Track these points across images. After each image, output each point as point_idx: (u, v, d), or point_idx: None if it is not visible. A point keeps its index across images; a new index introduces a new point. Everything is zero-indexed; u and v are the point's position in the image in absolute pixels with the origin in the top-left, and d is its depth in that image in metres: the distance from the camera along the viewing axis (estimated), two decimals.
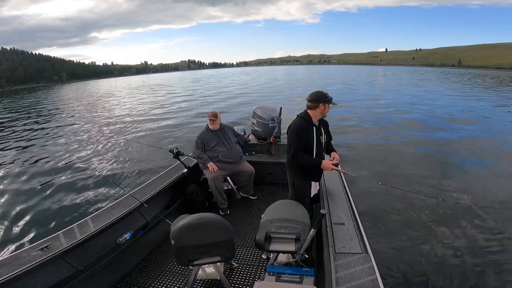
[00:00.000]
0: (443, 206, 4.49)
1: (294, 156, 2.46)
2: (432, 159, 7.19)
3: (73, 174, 6.62)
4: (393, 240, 3.68)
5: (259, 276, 2.47)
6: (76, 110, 20.56)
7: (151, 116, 15.12)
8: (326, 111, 2.54)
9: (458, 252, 3.47)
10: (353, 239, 2.03)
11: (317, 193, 2.76)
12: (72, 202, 5.15)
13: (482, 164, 6.81)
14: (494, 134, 9.85)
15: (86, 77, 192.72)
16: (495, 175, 6.06)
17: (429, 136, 9.46)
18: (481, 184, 5.58)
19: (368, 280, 1.62)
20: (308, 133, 2.48)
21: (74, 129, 12.57)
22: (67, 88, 69.01)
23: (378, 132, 9.95)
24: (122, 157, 7.84)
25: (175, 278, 2.51)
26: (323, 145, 2.63)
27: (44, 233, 3.81)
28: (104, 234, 2.44)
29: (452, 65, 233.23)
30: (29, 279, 1.94)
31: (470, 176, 6.06)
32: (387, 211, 4.44)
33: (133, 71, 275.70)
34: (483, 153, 7.63)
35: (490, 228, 3.98)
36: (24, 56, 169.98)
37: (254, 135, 4.43)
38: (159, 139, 9.83)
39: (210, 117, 3.56)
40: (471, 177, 6.02)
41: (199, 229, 1.92)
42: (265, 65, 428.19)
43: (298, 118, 2.55)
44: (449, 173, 6.16)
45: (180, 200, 3.55)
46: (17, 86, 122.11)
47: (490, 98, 20.09)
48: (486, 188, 5.40)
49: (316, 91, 2.55)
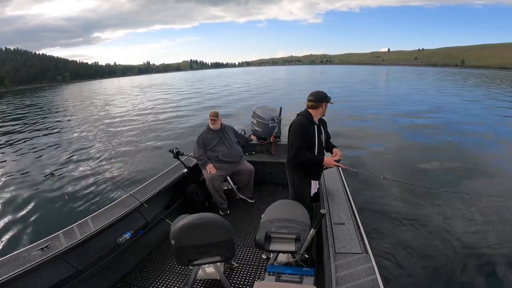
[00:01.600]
0: (443, 205, 4.48)
1: (297, 153, 2.44)
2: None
3: (73, 174, 6.65)
4: (393, 240, 3.67)
5: (259, 276, 2.47)
6: (77, 110, 20.66)
7: (151, 116, 15.19)
8: (326, 110, 2.58)
9: (458, 252, 3.45)
10: (353, 239, 2.03)
11: (317, 191, 2.76)
12: (72, 202, 5.16)
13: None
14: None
15: (89, 77, 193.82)
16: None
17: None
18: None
19: (368, 280, 1.61)
20: (310, 131, 2.49)
21: (75, 129, 12.65)
22: (71, 88, 69.40)
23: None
24: (122, 157, 7.87)
25: (175, 278, 2.51)
26: (323, 144, 2.65)
27: (44, 233, 3.81)
28: (104, 234, 2.45)
29: (455, 65, 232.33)
30: (29, 279, 1.94)
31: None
32: (387, 211, 4.42)
33: (136, 71, 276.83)
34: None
35: (495, 223, 3.97)
36: (27, 56, 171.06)
37: (254, 135, 4.43)
38: (159, 139, 9.85)
39: (211, 117, 3.57)
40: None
41: (199, 229, 1.92)
42: (267, 65, 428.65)
43: (300, 117, 2.54)
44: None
45: (180, 200, 3.55)
46: (20, 86, 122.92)
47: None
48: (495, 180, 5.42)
49: (317, 91, 2.56)
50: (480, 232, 3.83)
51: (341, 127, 10.02)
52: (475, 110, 14.43)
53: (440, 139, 8.77)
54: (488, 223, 4.01)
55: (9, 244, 3.94)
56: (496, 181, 5.51)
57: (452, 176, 5.75)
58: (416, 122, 11.41)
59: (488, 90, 26.40)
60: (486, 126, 10.72)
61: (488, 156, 7.10)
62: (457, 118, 12.28)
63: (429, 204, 4.52)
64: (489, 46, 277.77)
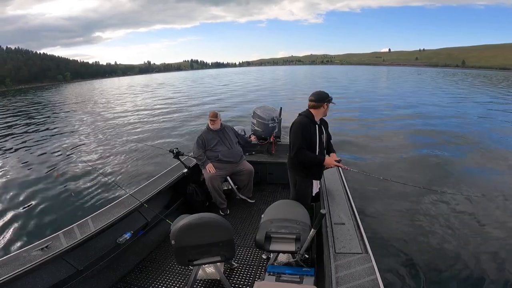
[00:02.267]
0: (444, 204, 4.49)
1: (298, 153, 2.45)
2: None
3: (73, 173, 6.64)
4: (393, 240, 3.66)
5: (259, 276, 2.47)
6: (78, 109, 20.65)
7: (151, 116, 15.16)
8: (327, 110, 2.57)
9: (458, 252, 3.44)
10: (353, 239, 2.03)
11: (318, 191, 2.76)
12: (72, 202, 5.16)
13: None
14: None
15: (90, 76, 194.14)
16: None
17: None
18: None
19: (368, 280, 1.61)
20: (312, 131, 2.49)
21: (75, 129, 12.63)
22: (72, 87, 69.41)
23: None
24: (122, 157, 7.85)
25: (175, 278, 2.51)
26: (324, 144, 2.65)
27: (44, 233, 3.81)
28: (104, 234, 2.44)
29: (456, 65, 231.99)
30: (29, 279, 1.94)
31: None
32: (387, 211, 4.41)
33: (136, 71, 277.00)
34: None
35: (497, 223, 3.96)
36: (28, 55, 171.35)
37: (254, 135, 4.42)
38: (159, 139, 9.84)
39: (211, 117, 3.57)
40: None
41: (199, 229, 1.92)
42: (268, 65, 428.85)
43: (301, 116, 2.54)
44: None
45: (180, 200, 3.55)
46: (21, 85, 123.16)
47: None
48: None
49: (319, 91, 2.56)
50: (480, 232, 3.82)
51: (343, 128, 10.04)
52: (475, 110, 14.46)
53: (440, 139, 8.75)
54: (489, 223, 4.00)
55: (9, 244, 3.94)
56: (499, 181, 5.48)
57: (452, 176, 5.74)
58: (416, 122, 11.41)
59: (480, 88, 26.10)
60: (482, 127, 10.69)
61: (491, 157, 7.06)
62: (457, 118, 12.30)
63: (429, 204, 4.52)
64: (491, 46, 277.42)
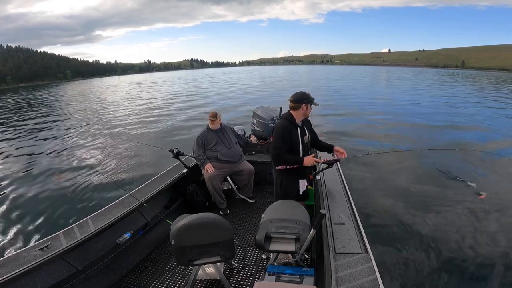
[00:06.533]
0: (443, 206, 4.49)
1: (276, 158, 2.52)
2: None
3: (73, 173, 6.63)
4: (393, 240, 3.67)
5: (259, 276, 2.47)
6: (78, 108, 20.63)
7: (151, 116, 15.15)
8: (309, 112, 2.55)
9: (459, 252, 3.45)
10: (353, 239, 2.02)
11: (305, 189, 2.75)
12: (72, 202, 5.15)
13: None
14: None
15: (90, 75, 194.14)
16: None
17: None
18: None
19: (368, 280, 1.61)
20: (293, 134, 2.49)
21: (75, 129, 12.60)
22: (72, 86, 69.31)
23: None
24: (122, 157, 7.84)
25: (175, 278, 2.51)
26: (307, 145, 2.66)
27: (44, 233, 3.82)
28: (104, 234, 2.44)
29: (455, 66, 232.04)
30: (29, 279, 1.94)
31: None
32: (387, 211, 4.42)
33: (136, 70, 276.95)
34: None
35: (499, 223, 3.97)
36: (29, 54, 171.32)
37: (254, 135, 4.42)
38: (159, 139, 9.83)
39: (210, 117, 3.57)
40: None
41: (199, 229, 1.92)
42: (268, 65, 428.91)
43: (282, 120, 2.56)
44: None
45: (180, 200, 3.55)
46: (22, 83, 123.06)
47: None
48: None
49: (298, 91, 2.55)
50: (480, 232, 3.82)
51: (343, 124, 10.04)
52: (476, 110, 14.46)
53: (440, 139, 8.76)
54: (491, 224, 4.00)
55: (9, 244, 3.93)
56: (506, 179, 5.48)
57: (452, 176, 5.73)
58: (416, 122, 11.42)
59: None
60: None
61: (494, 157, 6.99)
62: (457, 119, 12.34)
63: (429, 204, 4.52)
64: (490, 47, 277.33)
